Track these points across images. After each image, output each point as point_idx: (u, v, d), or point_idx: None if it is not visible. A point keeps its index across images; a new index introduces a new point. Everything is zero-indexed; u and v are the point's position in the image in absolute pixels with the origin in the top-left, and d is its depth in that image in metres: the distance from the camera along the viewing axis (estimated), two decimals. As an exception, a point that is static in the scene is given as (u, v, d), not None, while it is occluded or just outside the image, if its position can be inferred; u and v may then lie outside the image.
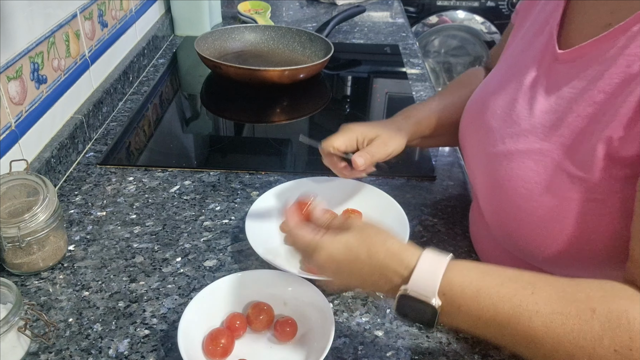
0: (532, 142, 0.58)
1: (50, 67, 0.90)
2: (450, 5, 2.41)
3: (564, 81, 0.57)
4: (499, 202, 0.61)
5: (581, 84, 0.55)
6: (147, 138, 1.05)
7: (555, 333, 0.45)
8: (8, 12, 0.77)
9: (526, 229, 0.58)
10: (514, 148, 0.60)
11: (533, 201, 0.56)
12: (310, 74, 1.24)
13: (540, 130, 0.58)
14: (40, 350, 0.62)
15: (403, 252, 0.52)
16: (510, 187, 0.59)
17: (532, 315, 0.46)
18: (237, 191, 0.89)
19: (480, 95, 0.71)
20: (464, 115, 0.74)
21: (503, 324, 0.47)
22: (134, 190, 0.89)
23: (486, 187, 0.65)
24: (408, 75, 1.33)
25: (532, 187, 0.57)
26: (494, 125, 0.64)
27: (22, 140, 0.82)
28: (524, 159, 0.58)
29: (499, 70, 0.71)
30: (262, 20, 1.58)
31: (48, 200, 0.68)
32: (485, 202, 0.66)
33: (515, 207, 0.58)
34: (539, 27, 0.65)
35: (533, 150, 0.58)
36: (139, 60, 1.27)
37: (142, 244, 0.77)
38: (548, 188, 0.55)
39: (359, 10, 1.62)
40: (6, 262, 0.70)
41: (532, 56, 0.63)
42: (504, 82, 0.66)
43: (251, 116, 1.17)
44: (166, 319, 0.66)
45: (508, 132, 0.62)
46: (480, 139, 0.66)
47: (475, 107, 0.71)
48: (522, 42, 0.68)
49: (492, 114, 0.65)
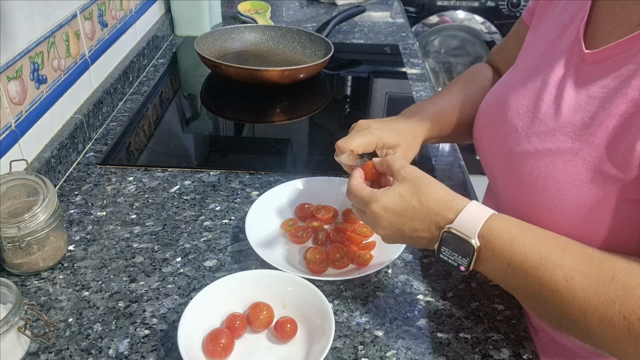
0: (561, 141, 0.57)
1: (50, 67, 0.90)
2: (450, 5, 2.41)
3: (594, 81, 0.57)
4: (527, 202, 0.60)
5: (614, 83, 0.55)
6: (147, 138, 1.05)
7: (573, 289, 0.49)
8: (8, 12, 0.77)
9: (557, 229, 0.56)
10: (541, 147, 0.59)
11: (565, 201, 0.56)
12: (310, 74, 1.24)
13: (569, 129, 0.57)
14: (40, 350, 0.62)
15: (452, 200, 0.57)
16: (539, 186, 0.58)
17: (557, 268, 0.50)
18: (237, 191, 0.89)
19: (498, 94, 0.71)
20: (481, 115, 0.73)
21: (529, 271, 0.52)
22: (134, 190, 0.89)
23: (510, 186, 0.64)
24: (408, 75, 1.33)
25: (563, 187, 0.56)
26: (517, 124, 0.64)
27: (22, 140, 0.82)
28: (554, 158, 0.57)
29: (519, 70, 0.70)
30: (262, 20, 1.58)
31: (48, 200, 0.68)
32: (509, 201, 0.65)
33: (545, 207, 0.58)
34: (562, 27, 0.64)
35: (563, 150, 0.57)
36: (139, 60, 1.27)
37: (142, 244, 0.77)
38: (581, 188, 0.55)
39: (359, 10, 1.62)
40: (6, 262, 0.70)
41: (557, 56, 0.63)
42: (526, 81, 0.65)
43: (251, 116, 1.17)
44: (166, 319, 0.66)
45: (534, 131, 0.61)
46: (502, 138, 0.66)
47: (493, 107, 0.70)
48: (543, 42, 0.67)
49: (515, 113, 0.65)
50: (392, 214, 0.59)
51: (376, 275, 0.73)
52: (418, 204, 0.57)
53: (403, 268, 0.74)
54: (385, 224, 0.60)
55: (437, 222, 0.57)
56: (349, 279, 0.71)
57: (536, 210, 0.59)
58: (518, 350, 0.63)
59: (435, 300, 0.69)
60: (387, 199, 0.59)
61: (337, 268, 0.72)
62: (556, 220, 0.57)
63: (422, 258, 0.76)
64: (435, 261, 0.75)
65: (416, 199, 0.58)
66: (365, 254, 0.73)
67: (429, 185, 0.58)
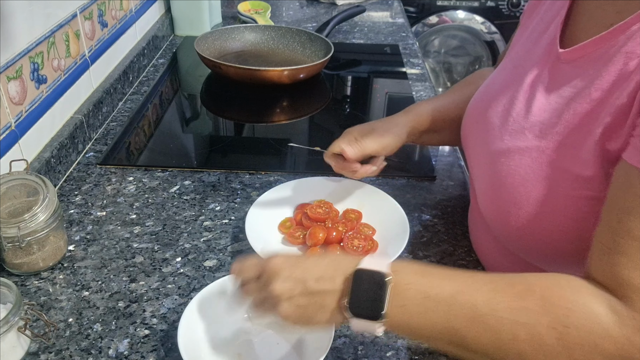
0: (530, 140, 0.59)
1: (50, 67, 0.90)
2: (450, 5, 2.41)
3: (566, 80, 0.58)
4: (498, 200, 0.62)
5: (582, 83, 0.55)
6: (147, 138, 1.05)
7: (495, 310, 0.46)
8: (8, 12, 0.77)
9: (524, 226, 0.58)
10: (512, 145, 0.60)
11: (531, 198, 0.57)
12: (310, 74, 1.24)
13: (537, 128, 0.58)
14: (40, 350, 0.62)
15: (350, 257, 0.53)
16: (508, 184, 0.59)
17: (474, 292, 0.48)
18: (237, 191, 0.89)
19: (483, 93, 0.72)
20: (467, 113, 0.74)
21: (448, 300, 0.48)
22: (134, 190, 0.89)
23: (485, 184, 0.65)
24: (408, 75, 1.33)
25: (529, 184, 0.57)
26: (495, 122, 0.65)
27: (22, 140, 0.82)
28: (522, 156, 0.59)
29: (504, 69, 0.71)
30: (262, 20, 1.58)
31: (48, 200, 0.68)
32: (483, 199, 0.66)
33: (513, 204, 0.59)
34: (545, 27, 0.65)
35: (531, 148, 0.58)
36: (139, 60, 1.27)
37: (142, 244, 0.77)
38: (545, 185, 0.56)
39: (359, 10, 1.62)
40: (6, 262, 0.70)
41: (536, 55, 0.64)
42: (508, 81, 0.66)
43: (251, 116, 1.17)
44: (166, 319, 0.66)
45: (507, 130, 0.62)
46: (483, 136, 0.67)
47: (478, 105, 0.71)
48: (527, 41, 0.68)
49: (494, 111, 0.66)
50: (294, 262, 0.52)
51: (376, 275, 0.73)
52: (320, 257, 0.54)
53: (403, 268, 0.74)
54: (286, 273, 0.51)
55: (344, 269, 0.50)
56: (349, 279, 0.71)
57: (506, 207, 0.60)
58: (518, 350, 0.63)
59: (435, 300, 0.69)
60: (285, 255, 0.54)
61: (337, 268, 0.72)
62: (522, 217, 0.58)
63: (422, 258, 0.76)
64: (435, 261, 0.75)
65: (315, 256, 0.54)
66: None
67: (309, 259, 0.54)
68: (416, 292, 0.49)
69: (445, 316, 0.48)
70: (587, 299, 0.46)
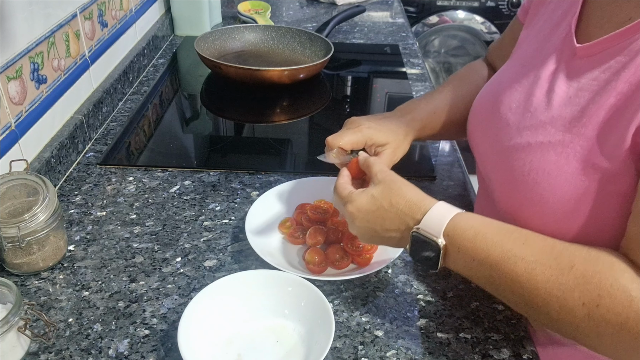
0: (552, 134, 0.58)
1: (50, 67, 0.90)
2: (450, 5, 2.41)
3: (585, 74, 0.58)
4: (518, 196, 0.61)
5: (604, 76, 0.55)
6: (147, 138, 1.05)
7: (534, 280, 0.52)
8: (8, 12, 0.77)
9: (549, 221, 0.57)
10: (533, 140, 0.60)
11: (556, 193, 0.56)
12: (310, 74, 1.24)
13: (560, 122, 0.58)
14: (40, 350, 0.62)
15: (420, 202, 0.60)
16: (530, 180, 0.59)
17: (518, 261, 0.53)
18: (237, 191, 0.89)
19: (491, 91, 0.71)
20: (474, 112, 0.74)
21: (492, 265, 0.54)
22: (134, 190, 0.89)
23: (502, 182, 0.64)
24: (408, 75, 1.33)
25: (554, 180, 0.56)
26: (510, 118, 0.64)
27: (22, 140, 0.82)
28: (545, 151, 0.58)
29: (512, 66, 0.71)
30: (262, 20, 1.58)
31: (48, 200, 0.68)
32: (503, 196, 0.65)
33: (538, 200, 0.58)
34: (555, 24, 0.65)
35: (554, 142, 0.57)
36: (139, 60, 1.27)
37: (142, 244, 0.77)
38: (571, 180, 0.55)
39: (359, 10, 1.62)
40: (6, 262, 0.70)
41: (549, 51, 0.63)
42: (519, 77, 0.66)
43: (251, 116, 1.17)
44: (166, 319, 0.66)
45: (525, 125, 0.62)
46: (496, 133, 0.66)
47: (487, 103, 0.71)
48: (536, 39, 0.68)
49: (507, 108, 0.65)
50: (365, 214, 0.62)
51: (376, 275, 0.73)
52: (389, 205, 0.60)
53: (403, 268, 0.74)
54: (359, 223, 0.63)
55: (406, 223, 0.59)
56: (349, 279, 0.71)
57: (527, 205, 0.60)
58: (518, 350, 0.63)
59: (435, 300, 0.69)
60: (361, 201, 0.62)
61: (337, 268, 0.72)
62: (546, 214, 0.58)
63: (422, 258, 0.76)
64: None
65: (387, 200, 0.61)
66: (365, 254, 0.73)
67: (400, 187, 0.62)
68: (465, 255, 0.56)
69: (488, 279, 0.56)
70: (627, 282, 0.48)
